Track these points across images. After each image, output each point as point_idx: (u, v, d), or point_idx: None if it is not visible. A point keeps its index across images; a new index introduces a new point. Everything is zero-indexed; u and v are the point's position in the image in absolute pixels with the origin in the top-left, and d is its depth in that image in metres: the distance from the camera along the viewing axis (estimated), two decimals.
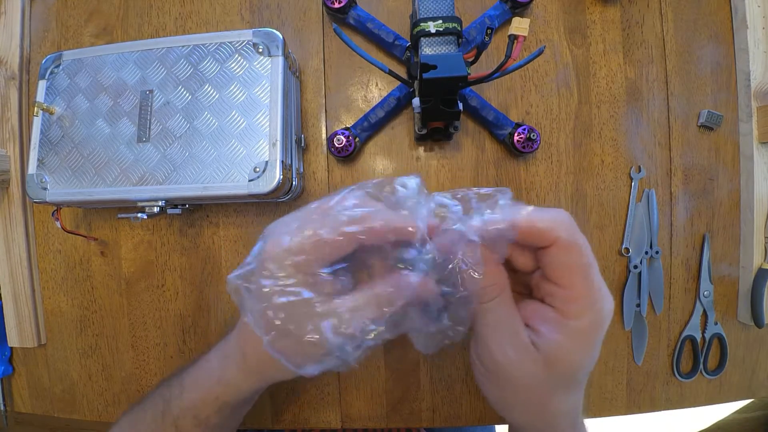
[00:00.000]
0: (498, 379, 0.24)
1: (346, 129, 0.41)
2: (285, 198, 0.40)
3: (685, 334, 0.43)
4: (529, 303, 0.24)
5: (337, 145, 0.40)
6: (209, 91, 0.37)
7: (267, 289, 0.22)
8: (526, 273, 0.24)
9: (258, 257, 0.23)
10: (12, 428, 0.50)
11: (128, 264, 0.44)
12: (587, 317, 0.22)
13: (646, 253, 0.42)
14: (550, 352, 0.22)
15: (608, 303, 0.22)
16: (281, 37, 0.37)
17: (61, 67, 0.40)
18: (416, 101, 0.36)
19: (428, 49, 0.33)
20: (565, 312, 0.22)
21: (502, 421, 0.43)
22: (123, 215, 0.38)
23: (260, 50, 0.37)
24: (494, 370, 0.23)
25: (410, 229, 0.21)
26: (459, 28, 0.32)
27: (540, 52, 0.31)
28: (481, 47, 0.32)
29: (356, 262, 0.23)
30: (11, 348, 0.46)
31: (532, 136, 0.39)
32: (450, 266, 0.22)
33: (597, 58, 0.43)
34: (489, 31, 0.31)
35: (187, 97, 0.37)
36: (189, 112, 0.37)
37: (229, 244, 0.43)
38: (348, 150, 0.40)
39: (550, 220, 0.21)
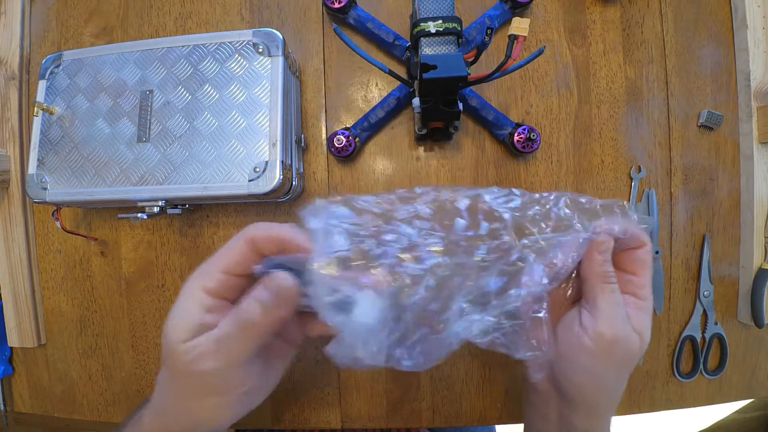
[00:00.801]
0: (610, 354, 0.27)
1: (346, 129, 0.41)
2: (285, 198, 0.40)
3: (685, 334, 0.43)
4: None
5: (337, 145, 0.40)
6: (209, 91, 0.37)
7: None
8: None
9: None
10: (12, 428, 0.50)
11: (128, 264, 0.44)
12: (650, 299, 0.28)
13: None
14: (641, 327, 0.27)
15: (635, 339, 0.28)
16: (281, 37, 0.37)
17: (61, 67, 0.40)
18: (416, 101, 0.36)
19: (428, 49, 0.33)
20: (641, 295, 0.28)
21: (501, 421, 0.43)
22: (123, 215, 0.38)
23: (260, 50, 0.37)
24: (610, 343, 0.26)
25: (299, 243, 0.23)
26: (459, 28, 0.32)
27: (540, 52, 0.31)
28: (481, 47, 0.32)
29: None
30: (11, 348, 0.46)
31: (532, 136, 0.39)
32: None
33: (597, 58, 0.43)
34: (489, 31, 0.31)
35: (187, 97, 0.37)
36: (189, 112, 0.37)
37: None
38: (348, 150, 0.40)
39: (642, 229, 0.28)
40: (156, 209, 0.37)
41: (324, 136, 0.43)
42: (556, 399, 0.30)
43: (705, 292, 0.43)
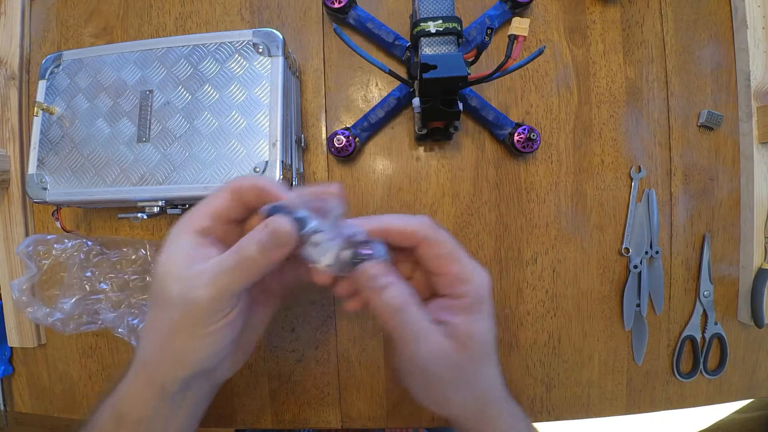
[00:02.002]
0: (428, 379, 0.26)
1: (346, 129, 0.41)
2: None
3: (685, 334, 0.43)
4: (432, 303, 0.27)
5: (337, 145, 0.40)
6: (209, 91, 0.37)
7: None
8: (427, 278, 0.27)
9: None
10: (12, 428, 0.50)
11: None
12: (470, 292, 0.25)
13: (646, 253, 0.42)
14: (459, 333, 0.25)
15: (481, 276, 0.26)
16: (281, 37, 0.37)
17: (61, 67, 0.40)
18: (416, 101, 0.36)
19: (428, 49, 0.33)
20: (453, 294, 0.25)
21: None
22: (123, 215, 0.38)
23: (260, 50, 0.37)
24: (423, 372, 0.25)
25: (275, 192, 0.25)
26: (459, 28, 0.32)
27: (540, 52, 0.31)
28: (481, 47, 0.32)
29: None
30: (11, 348, 0.46)
31: (532, 136, 0.39)
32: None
33: (597, 58, 0.43)
34: (489, 31, 0.31)
35: (187, 97, 0.37)
36: (189, 112, 0.37)
37: None
38: (348, 150, 0.40)
39: (414, 224, 0.26)
40: (156, 209, 0.37)
41: (324, 136, 0.43)
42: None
43: (705, 292, 0.43)
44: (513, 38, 0.31)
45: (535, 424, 0.31)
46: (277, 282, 0.29)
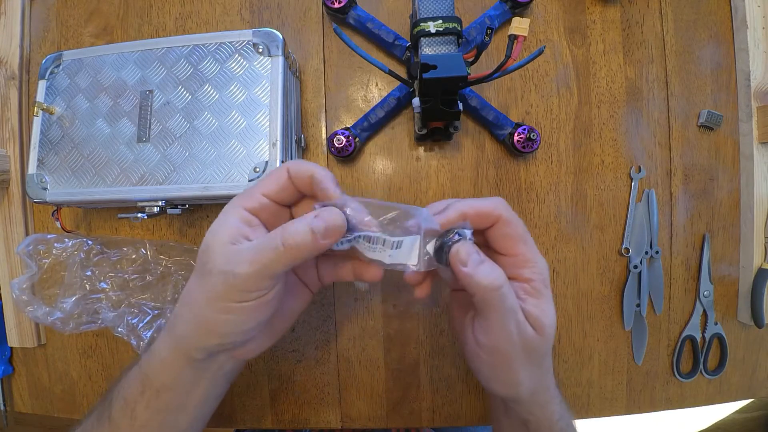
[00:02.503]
0: (507, 359, 0.26)
1: (346, 129, 0.41)
2: None
3: (685, 334, 0.43)
4: None
5: (337, 145, 0.40)
6: (209, 91, 0.37)
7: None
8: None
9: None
10: (12, 428, 0.50)
11: None
12: (536, 275, 0.26)
13: (646, 253, 0.42)
14: (535, 318, 0.25)
15: (543, 261, 0.27)
16: (281, 37, 0.37)
17: (61, 67, 0.40)
18: (416, 101, 0.36)
19: (428, 49, 0.33)
20: (520, 276, 0.26)
21: None
22: (123, 215, 0.38)
23: (260, 50, 0.37)
24: (505, 352, 0.26)
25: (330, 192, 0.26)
26: (459, 28, 0.32)
27: (540, 52, 0.31)
28: (481, 47, 0.32)
29: None
30: (11, 348, 0.46)
31: (532, 136, 0.39)
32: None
33: (597, 58, 0.43)
34: (489, 31, 0.31)
35: (187, 97, 0.37)
36: (189, 112, 0.37)
37: None
38: (348, 150, 0.40)
39: (491, 203, 0.26)
40: (156, 209, 0.37)
41: (324, 136, 0.43)
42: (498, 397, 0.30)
43: (705, 292, 0.43)
44: (513, 38, 0.31)
45: None
46: (312, 277, 0.30)
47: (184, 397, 0.28)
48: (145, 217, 0.37)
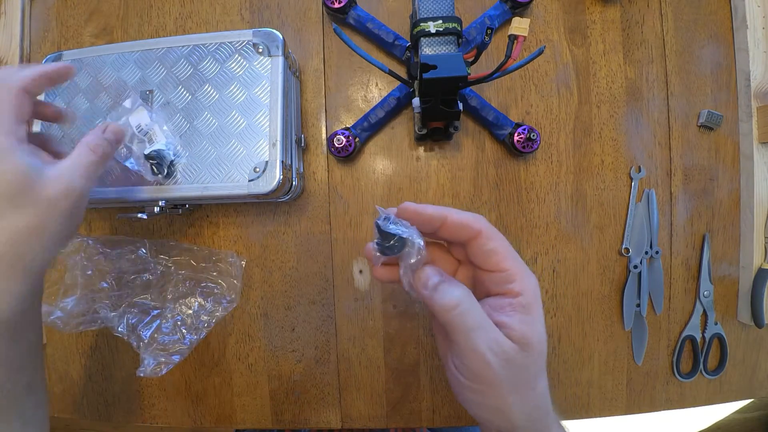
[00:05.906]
0: (488, 381, 0.24)
1: (346, 129, 0.41)
2: (285, 198, 0.40)
3: (685, 334, 0.43)
4: (482, 302, 0.25)
5: (337, 145, 0.40)
6: (209, 91, 0.37)
7: None
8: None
9: None
10: None
11: None
12: (525, 290, 0.24)
13: (646, 253, 0.42)
14: (521, 335, 0.24)
15: (532, 277, 0.25)
16: (281, 37, 0.37)
17: None
18: (416, 101, 0.36)
19: (428, 49, 0.33)
20: (508, 292, 0.25)
21: None
22: (123, 215, 0.38)
23: (260, 50, 0.37)
24: (484, 375, 0.24)
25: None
26: (459, 28, 0.32)
27: (540, 52, 0.31)
28: (481, 47, 0.32)
29: None
30: None
31: (532, 136, 0.39)
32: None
33: (597, 58, 0.43)
34: (489, 31, 0.31)
35: (187, 97, 0.37)
36: (189, 112, 0.37)
37: (229, 244, 0.43)
38: (348, 150, 0.40)
39: (472, 215, 0.25)
40: (156, 209, 0.37)
41: (324, 136, 0.43)
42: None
43: (705, 292, 0.43)
44: (513, 38, 0.31)
45: None
46: None
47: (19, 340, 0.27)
48: (145, 217, 0.37)
